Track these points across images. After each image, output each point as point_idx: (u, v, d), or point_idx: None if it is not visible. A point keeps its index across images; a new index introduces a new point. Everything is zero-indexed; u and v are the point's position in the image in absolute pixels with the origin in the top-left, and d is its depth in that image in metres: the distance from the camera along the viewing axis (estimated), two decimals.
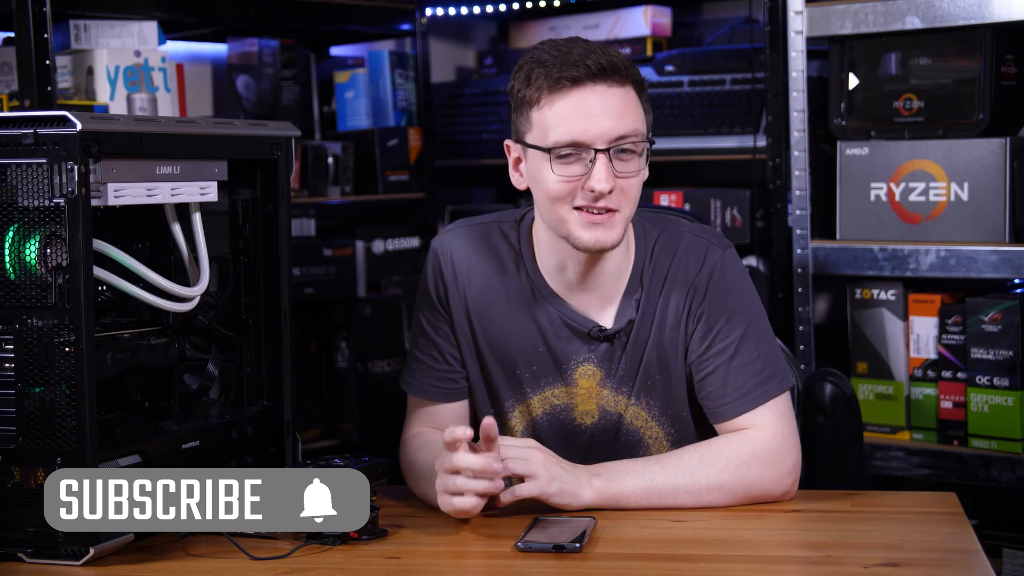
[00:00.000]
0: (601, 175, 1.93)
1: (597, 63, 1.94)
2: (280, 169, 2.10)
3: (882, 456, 2.94)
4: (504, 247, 2.13)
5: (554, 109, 1.95)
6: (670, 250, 2.09)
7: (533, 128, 1.98)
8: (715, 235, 2.13)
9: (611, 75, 1.95)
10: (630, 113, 1.96)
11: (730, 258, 2.09)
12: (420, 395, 2.15)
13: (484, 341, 2.12)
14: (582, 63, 1.94)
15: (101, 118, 2.03)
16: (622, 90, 1.96)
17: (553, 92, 1.95)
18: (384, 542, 1.87)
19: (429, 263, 2.16)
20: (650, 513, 1.97)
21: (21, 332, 1.76)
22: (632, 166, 1.97)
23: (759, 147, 3.13)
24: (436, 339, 2.14)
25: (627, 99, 1.96)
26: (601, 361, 2.09)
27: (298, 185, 3.30)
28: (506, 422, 2.15)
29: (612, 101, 1.95)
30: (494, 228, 2.15)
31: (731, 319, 2.05)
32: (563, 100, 1.95)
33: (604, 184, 1.93)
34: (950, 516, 1.93)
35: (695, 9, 3.69)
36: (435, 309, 2.14)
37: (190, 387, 2.14)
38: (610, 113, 1.94)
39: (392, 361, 3.44)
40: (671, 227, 2.12)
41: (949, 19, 2.81)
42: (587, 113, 1.94)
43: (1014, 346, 2.77)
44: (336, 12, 3.30)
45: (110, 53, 2.88)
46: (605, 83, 1.95)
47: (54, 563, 1.77)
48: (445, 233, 2.18)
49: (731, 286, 2.07)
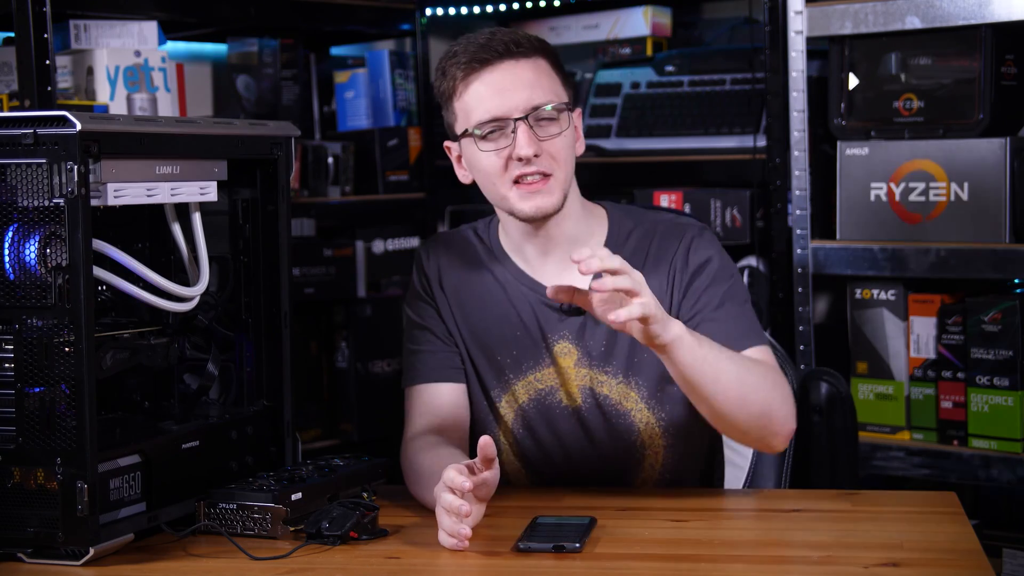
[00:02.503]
0: (523, 140, 2.02)
1: (501, 42, 2.04)
2: (280, 169, 2.10)
3: (882, 456, 2.94)
4: (478, 245, 2.22)
5: (470, 93, 2.05)
6: (648, 236, 2.14)
7: (458, 117, 2.09)
8: (691, 220, 2.20)
9: (516, 50, 2.05)
10: (542, 83, 2.05)
11: (708, 235, 2.15)
12: (420, 380, 2.17)
13: (467, 332, 2.17)
14: (488, 45, 2.04)
15: (101, 118, 2.03)
16: (531, 62, 2.06)
17: (467, 78, 2.06)
18: (384, 542, 1.87)
19: (414, 266, 2.25)
20: (650, 513, 1.98)
21: (21, 332, 1.76)
22: (553, 129, 2.05)
23: (759, 147, 3.13)
24: (429, 325, 2.19)
25: (538, 70, 2.06)
26: (576, 337, 2.12)
27: (298, 185, 3.30)
28: (497, 412, 2.17)
29: (522, 74, 2.04)
30: (468, 231, 2.25)
31: (714, 281, 2.09)
32: (476, 83, 2.05)
33: (527, 149, 2.02)
34: (950, 516, 1.93)
35: (695, 9, 3.69)
36: (423, 301, 2.21)
37: (190, 387, 2.14)
38: (522, 85, 2.04)
39: (392, 361, 3.44)
40: (648, 218, 2.18)
41: (949, 19, 2.81)
42: (501, 89, 2.04)
43: (1014, 346, 2.77)
44: (336, 12, 3.30)
45: (110, 53, 2.88)
46: (512, 59, 2.05)
47: (54, 563, 1.77)
48: (427, 241, 2.29)
49: (712, 256, 2.11)
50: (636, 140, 3.37)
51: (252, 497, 1.88)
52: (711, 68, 3.32)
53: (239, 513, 1.88)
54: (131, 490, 1.85)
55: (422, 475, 2.02)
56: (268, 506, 1.86)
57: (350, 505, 1.89)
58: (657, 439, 2.13)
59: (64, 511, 1.74)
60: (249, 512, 1.87)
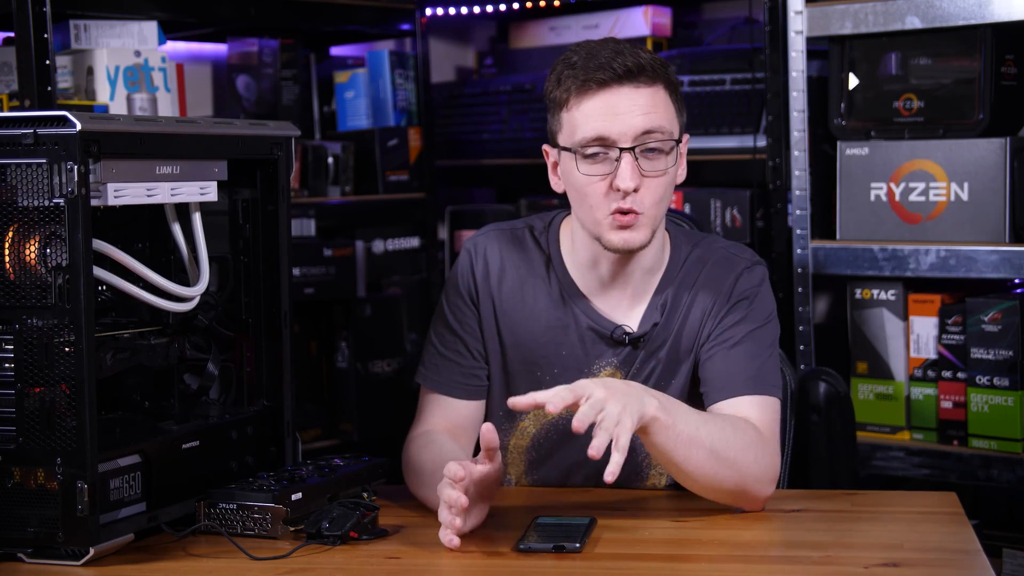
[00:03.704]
0: (627, 173, 1.96)
1: (623, 65, 1.97)
2: (280, 169, 2.10)
3: (882, 456, 2.94)
4: (534, 250, 2.15)
5: (581, 110, 1.99)
6: (702, 262, 2.11)
7: (563, 129, 2.02)
8: (748, 252, 2.15)
9: (638, 76, 1.97)
10: (658, 111, 1.98)
11: (759, 272, 2.12)
12: (442, 390, 2.14)
13: (510, 342, 2.13)
14: (609, 65, 1.97)
15: (101, 118, 2.03)
16: (650, 90, 1.99)
17: (581, 94, 1.98)
18: (384, 542, 1.87)
19: (460, 261, 2.18)
20: (650, 513, 1.98)
21: (21, 332, 1.76)
22: (659, 165, 1.99)
23: (759, 147, 3.13)
24: (463, 334, 2.14)
25: (655, 98, 1.99)
26: (622, 365, 2.10)
27: (298, 185, 3.30)
28: (519, 424, 2.15)
29: (639, 100, 1.97)
30: (525, 232, 2.18)
31: (745, 318, 2.07)
32: (590, 101, 1.98)
33: (629, 182, 1.96)
34: (950, 516, 1.93)
35: (695, 9, 3.69)
36: (465, 304, 2.15)
37: (190, 387, 2.14)
38: (636, 111, 1.97)
39: (392, 361, 3.44)
40: (706, 243, 2.15)
41: (949, 19, 2.81)
42: (613, 112, 1.97)
43: (1014, 346, 2.77)
44: (336, 12, 3.30)
45: (110, 53, 2.88)
46: (632, 84, 1.97)
47: (54, 563, 1.77)
48: (479, 235, 2.20)
49: (754, 293, 2.09)
50: None
51: (252, 497, 1.88)
52: (711, 68, 3.32)
53: (239, 513, 1.88)
54: (131, 490, 1.85)
55: (423, 472, 2.01)
56: (268, 506, 1.86)
57: (350, 505, 1.89)
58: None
59: (64, 511, 1.74)
60: (249, 512, 1.87)
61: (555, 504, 2.04)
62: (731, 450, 1.92)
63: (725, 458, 1.91)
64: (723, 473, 1.92)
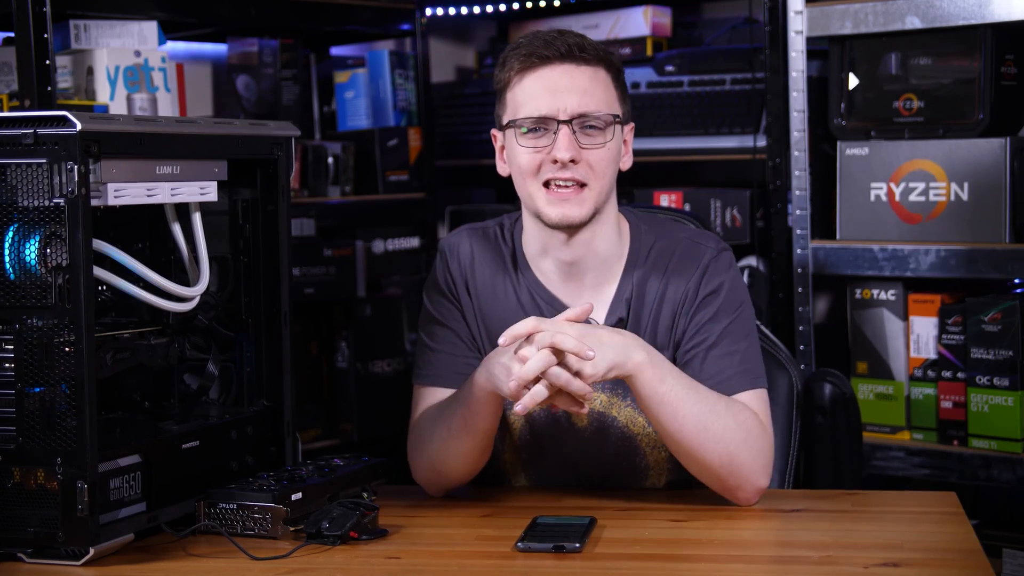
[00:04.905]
0: (563, 144, 2.00)
1: (565, 43, 2.02)
2: (280, 169, 2.10)
3: (882, 456, 2.94)
4: (503, 246, 2.17)
5: (523, 87, 2.04)
6: (667, 254, 2.10)
7: (507, 108, 2.07)
8: (712, 239, 2.14)
9: (578, 55, 2.02)
10: (597, 92, 2.03)
11: (725, 259, 2.11)
12: (438, 383, 2.14)
13: (487, 337, 2.13)
14: (552, 44, 2.02)
15: (101, 118, 2.03)
16: (591, 69, 2.03)
17: (523, 71, 2.04)
18: (384, 542, 1.87)
19: (437, 261, 2.19)
20: (650, 513, 1.98)
21: (21, 332, 1.76)
22: (597, 139, 2.02)
23: (759, 147, 3.13)
24: (451, 326, 2.15)
25: (595, 79, 2.03)
26: None
27: (298, 185, 3.30)
28: (507, 418, 2.15)
29: (579, 79, 2.02)
30: (494, 228, 2.19)
31: (717, 314, 2.06)
32: (531, 78, 2.03)
33: (565, 152, 1.99)
34: (950, 516, 1.93)
35: (695, 9, 3.69)
36: (447, 299, 2.16)
37: (190, 387, 2.14)
38: (576, 90, 2.01)
39: (392, 361, 3.44)
40: (669, 232, 2.14)
41: (949, 19, 2.81)
42: (553, 89, 2.01)
43: (1014, 346, 2.77)
44: (336, 12, 3.31)
45: (110, 53, 2.88)
46: (573, 62, 2.02)
47: (54, 563, 1.77)
48: (452, 235, 2.22)
49: (723, 284, 2.08)
50: (636, 140, 3.29)
51: (252, 497, 1.88)
52: (711, 68, 3.32)
53: (239, 513, 1.88)
54: (131, 490, 1.85)
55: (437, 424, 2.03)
56: (268, 506, 1.86)
57: (350, 505, 1.89)
58: (662, 463, 2.11)
59: (64, 511, 1.74)
60: (249, 512, 1.87)
61: (555, 504, 2.04)
62: (720, 424, 1.93)
63: (713, 431, 1.93)
64: (710, 445, 1.93)
